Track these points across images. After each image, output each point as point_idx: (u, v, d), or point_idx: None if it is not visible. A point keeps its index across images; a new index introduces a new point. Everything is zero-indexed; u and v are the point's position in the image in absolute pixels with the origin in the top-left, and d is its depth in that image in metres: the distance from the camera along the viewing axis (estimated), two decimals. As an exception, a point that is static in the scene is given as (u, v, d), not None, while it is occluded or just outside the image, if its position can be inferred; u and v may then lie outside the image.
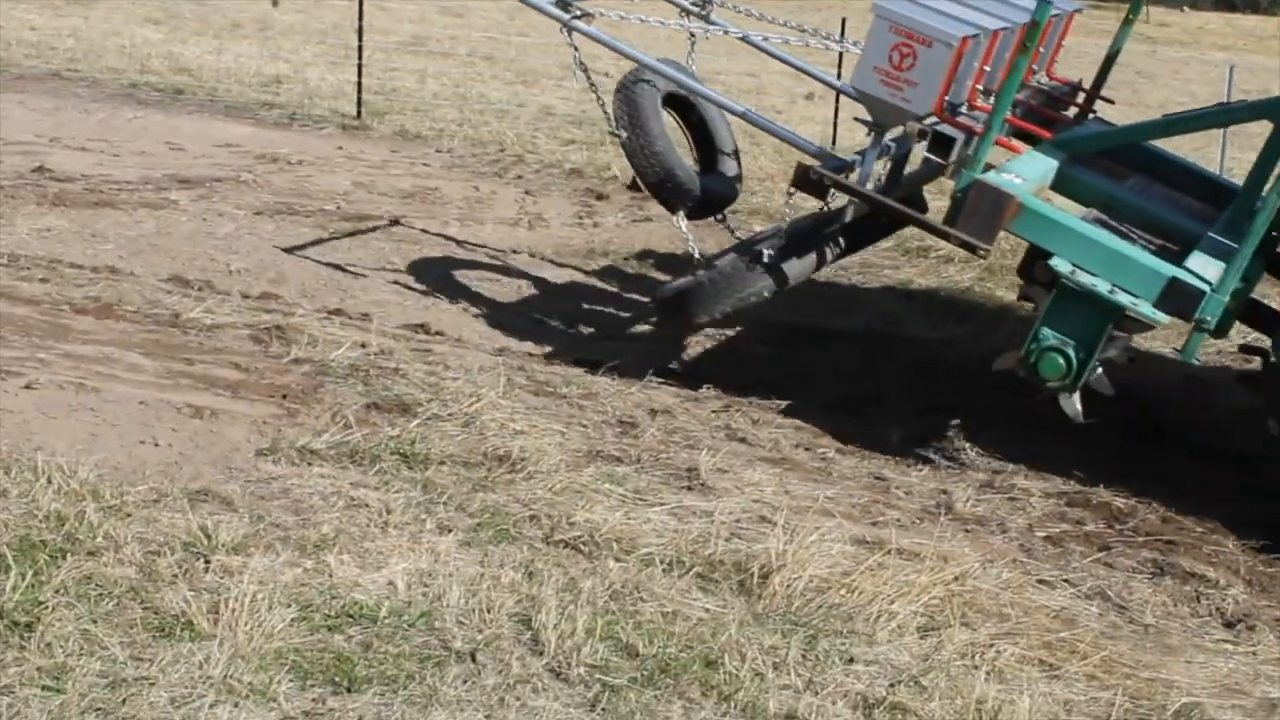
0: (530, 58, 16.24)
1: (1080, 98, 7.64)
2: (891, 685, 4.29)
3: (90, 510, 4.71)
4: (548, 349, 7.08)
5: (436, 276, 8.25)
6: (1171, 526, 5.77)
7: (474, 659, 4.16)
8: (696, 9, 7.89)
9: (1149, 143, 7.14)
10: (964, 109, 6.57)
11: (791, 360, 7.32)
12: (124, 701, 3.76)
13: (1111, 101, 7.73)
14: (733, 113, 7.27)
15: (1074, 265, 5.93)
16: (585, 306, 7.90)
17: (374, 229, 9.06)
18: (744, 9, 8.02)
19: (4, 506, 4.70)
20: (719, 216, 7.68)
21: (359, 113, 12.80)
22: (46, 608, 4.12)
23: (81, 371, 6.12)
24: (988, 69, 6.70)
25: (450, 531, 4.94)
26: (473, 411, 6.03)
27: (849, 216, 6.93)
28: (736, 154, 7.96)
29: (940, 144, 6.48)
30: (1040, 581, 5.18)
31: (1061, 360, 5.94)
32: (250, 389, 6.16)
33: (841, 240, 6.99)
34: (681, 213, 7.35)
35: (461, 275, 8.34)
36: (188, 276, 7.67)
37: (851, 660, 4.41)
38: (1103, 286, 5.86)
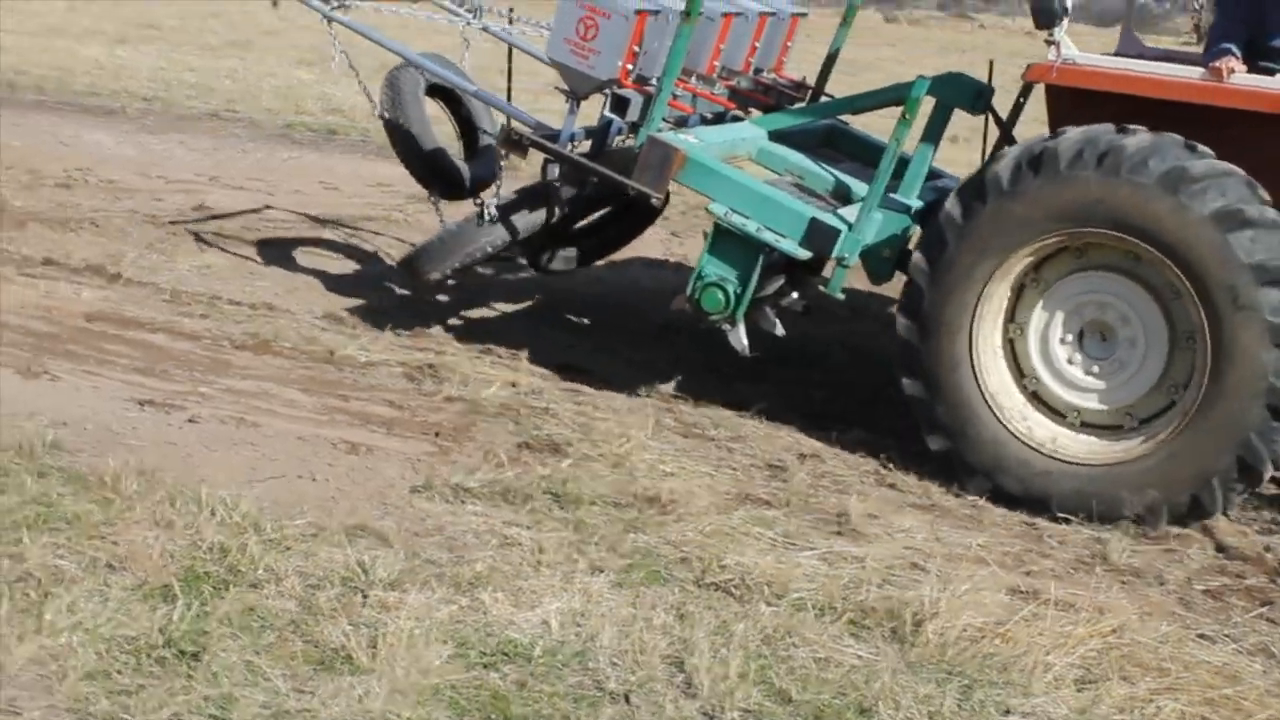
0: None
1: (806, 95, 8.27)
2: (1049, 739, 4.22)
3: (252, 543, 4.82)
4: (695, 390, 7.08)
5: (585, 317, 8.32)
6: (1337, 582, 5.61)
7: (628, 700, 4.17)
8: (470, 14, 8.46)
9: (856, 131, 8.03)
10: (654, 80, 7.00)
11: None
12: (287, 733, 3.83)
13: (832, 97, 8.00)
14: (465, 91, 8.09)
15: (729, 209, 6.52)
16: (733, 349, 7.88)
17: (522, 270, 9.14)
18: (503, 11, 8.65)
19: (170, 537, 4.82)
20: (477, 200, 7.98)
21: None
22: (212, 638, 4.21)
23: (241, 406, 6.27)
24: (723, 47, 7.53)
25: (602, 572, 4.96)
26: (622, 452, 6.06)
27: (559, 180, 7.42)
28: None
29: (619, 105, 7.02)
30: (1200, 636, 5.06)
31: (720, 294, 6.53)
32: (404, 426, 6.26)
33: (556, 202, 7.52)
34: (437, 192, 8.21)
35: (609, 316, 8.39)
36: (341, 314, 7.82)
37: (1008, 712, 4.35)
38: (752, 226, 6.46)
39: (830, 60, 8.12)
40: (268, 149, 12.66)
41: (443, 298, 8.34)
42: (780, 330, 6.85)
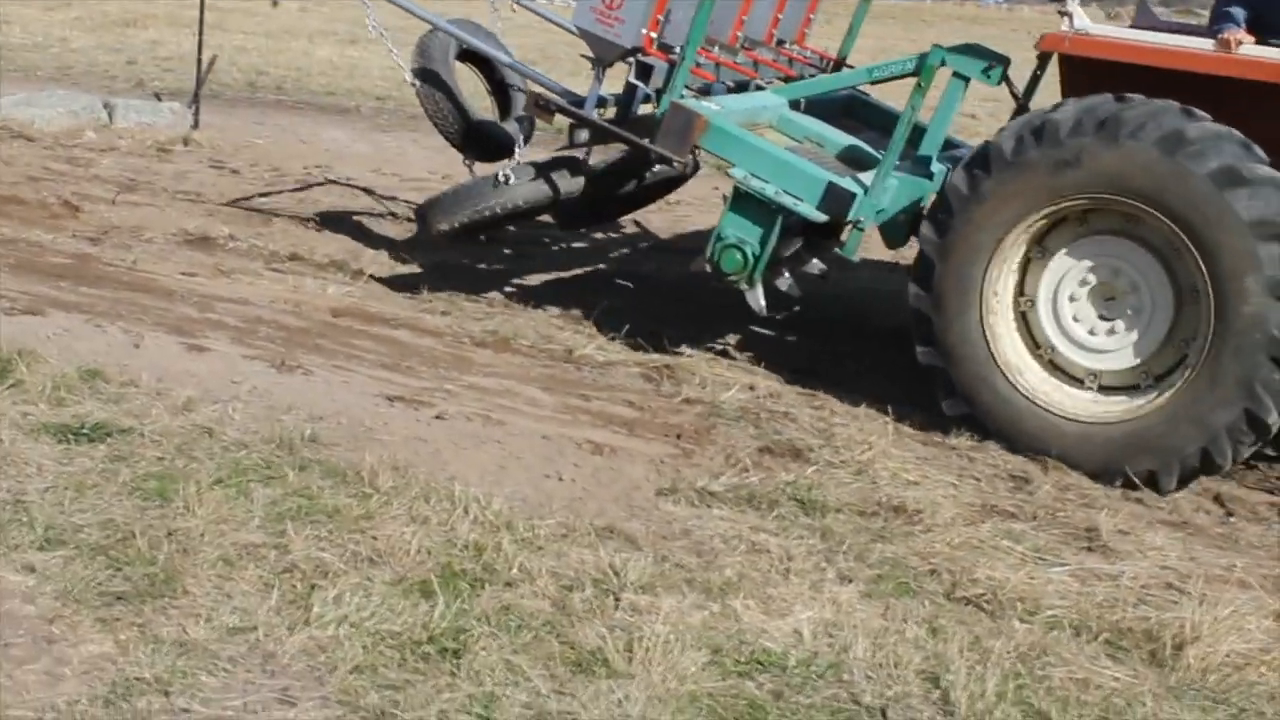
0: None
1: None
2: (1326, 774, 4.06)
3: (505, 542, 4.88)
4: (932, 396, 6.96)
5: (816, 320, 8.26)
6: None
7: (884, 715, 4.12)
8: None
9: (876, 101, 8.34)
10: (678, 48, 7.20)
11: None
12: (549, 734, 3.87)
13: (852, 68, 8.32)
14: (501, 63, 8.55)
15: (749, 173, 6.78)
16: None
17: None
18: None
19: (426, 533, 4.91)
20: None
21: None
22: (471, 635, 4.27)
23: (485, 404, 6.37)
24: (746, 19, 7.81)
25: (851, 582, 4.92)
26: (865, 460, 6.00)
27: (585, 153, 7.86)
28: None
29: (643, 72, 7.32)
30: None
31: (739, 255, 6.80)
32: (645, 427, 6.29)
33: (576, 173, 7.83)
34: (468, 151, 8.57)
35: (841, 319, 8.33)
36: (577, 312, 7.88)
37: (1279, 744, 4.19)
38: (770, 189, 6.72)
39: (850, 34, 8.59)
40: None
41: (676, 299, 8.36)
42: (797, 292, 7.28)
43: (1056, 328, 6.49)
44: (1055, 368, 6.51)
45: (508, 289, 8.36)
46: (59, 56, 17.77)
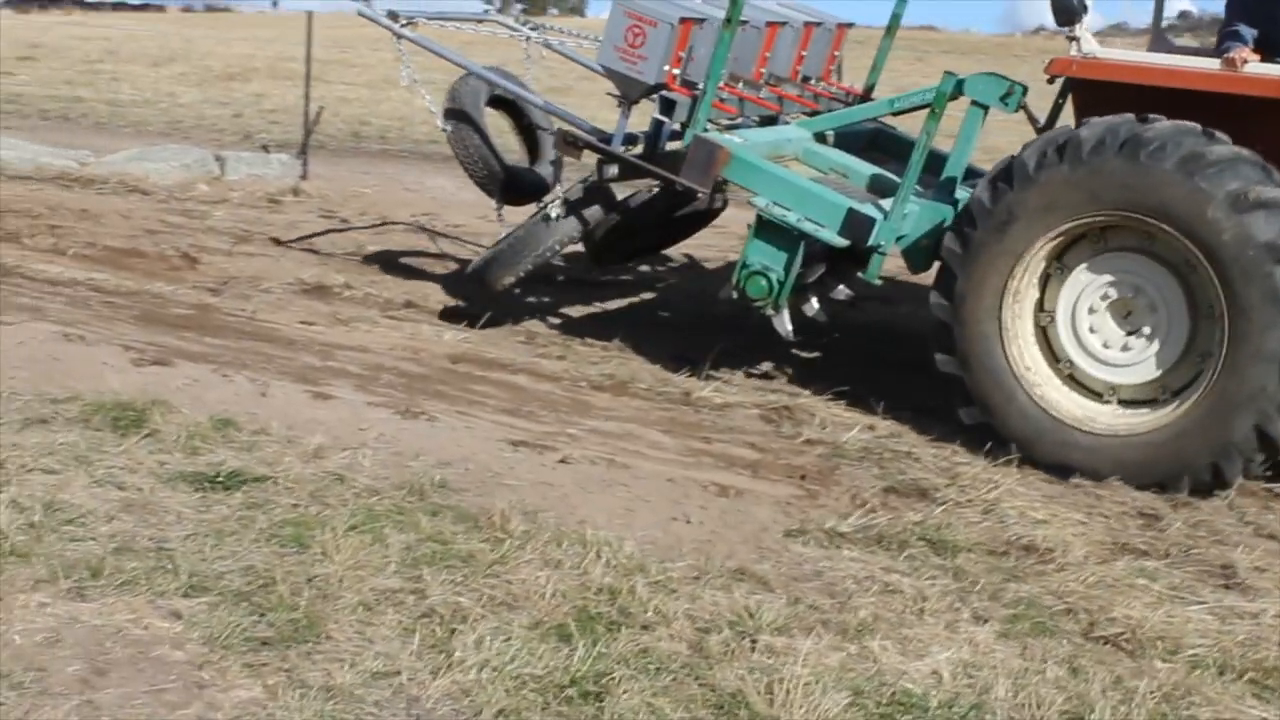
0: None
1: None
2: None
3: (639, 585, 4.89)
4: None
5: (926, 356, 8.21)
6: None
7: (1031, 757, 4.08)
8: (528, 29, 9.21)
9: (900, 133, 8.42)
10: (701, 84, 7.37)
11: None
12: (695, 777, 3.87)
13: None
14: (533, 104, 8.79)
15: (771, 201, 6.94)
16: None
17: (863, 310, 9.10)
18: (561, 28, 9.70)
19: (560, 578, 4.93)
20: (539, 202, 8.41)
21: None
22: (612, 679, 4.28)
23: (609, 448, 6.40)
24: (769, 55, 8.07)
25: (987, 622, 4.88)
26: (991, 499, 5.96)
27: (612, 179, 7.88)
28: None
29: (667, 107, 7.45)
30: None
31: (764, 282, 6.98)
32: (768, 469, 6.29)
33: (612, 197, 8.02)
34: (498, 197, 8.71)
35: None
36: (692, 355, 7.89)
37: None
38: (792, 217, 6.90)
39: (874, 70, 8.73)
40: (604, 191, 12.92)
41: (789, 339, 8.34)
42: (824, 317, 7.50)
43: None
44: (1125, 403, 6.53)
45: (620, 331, 8.39)
46: (168, 111, 18.18)
